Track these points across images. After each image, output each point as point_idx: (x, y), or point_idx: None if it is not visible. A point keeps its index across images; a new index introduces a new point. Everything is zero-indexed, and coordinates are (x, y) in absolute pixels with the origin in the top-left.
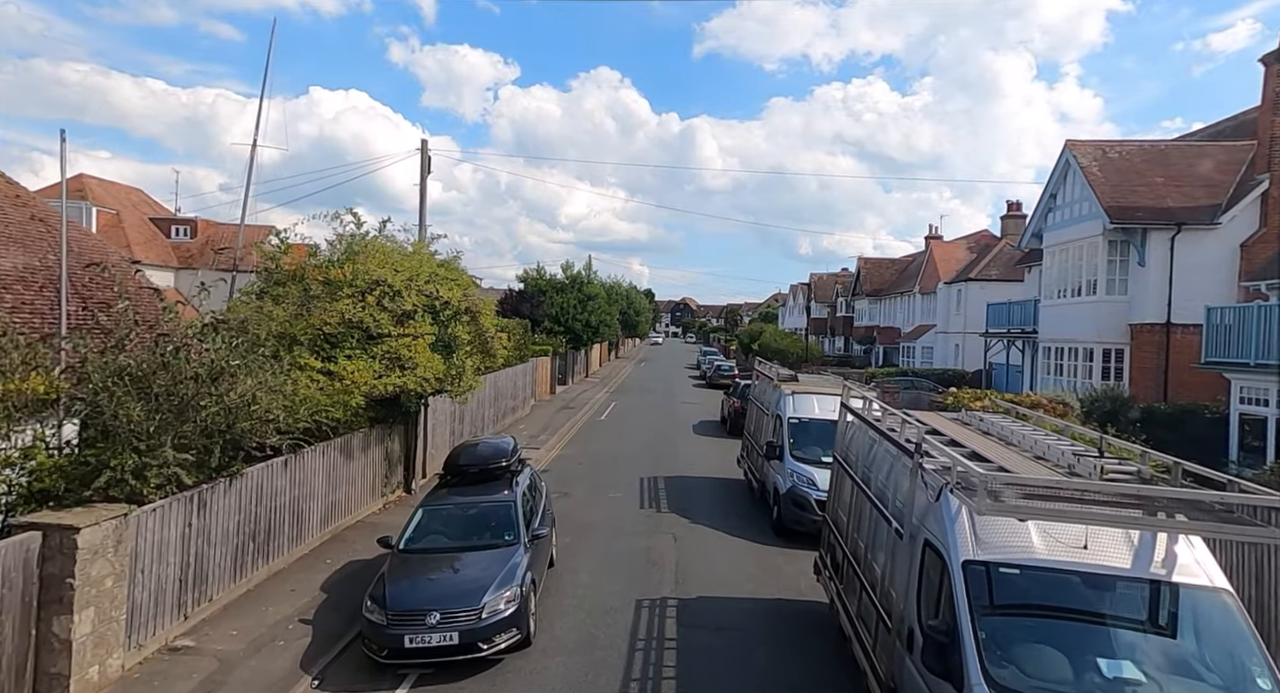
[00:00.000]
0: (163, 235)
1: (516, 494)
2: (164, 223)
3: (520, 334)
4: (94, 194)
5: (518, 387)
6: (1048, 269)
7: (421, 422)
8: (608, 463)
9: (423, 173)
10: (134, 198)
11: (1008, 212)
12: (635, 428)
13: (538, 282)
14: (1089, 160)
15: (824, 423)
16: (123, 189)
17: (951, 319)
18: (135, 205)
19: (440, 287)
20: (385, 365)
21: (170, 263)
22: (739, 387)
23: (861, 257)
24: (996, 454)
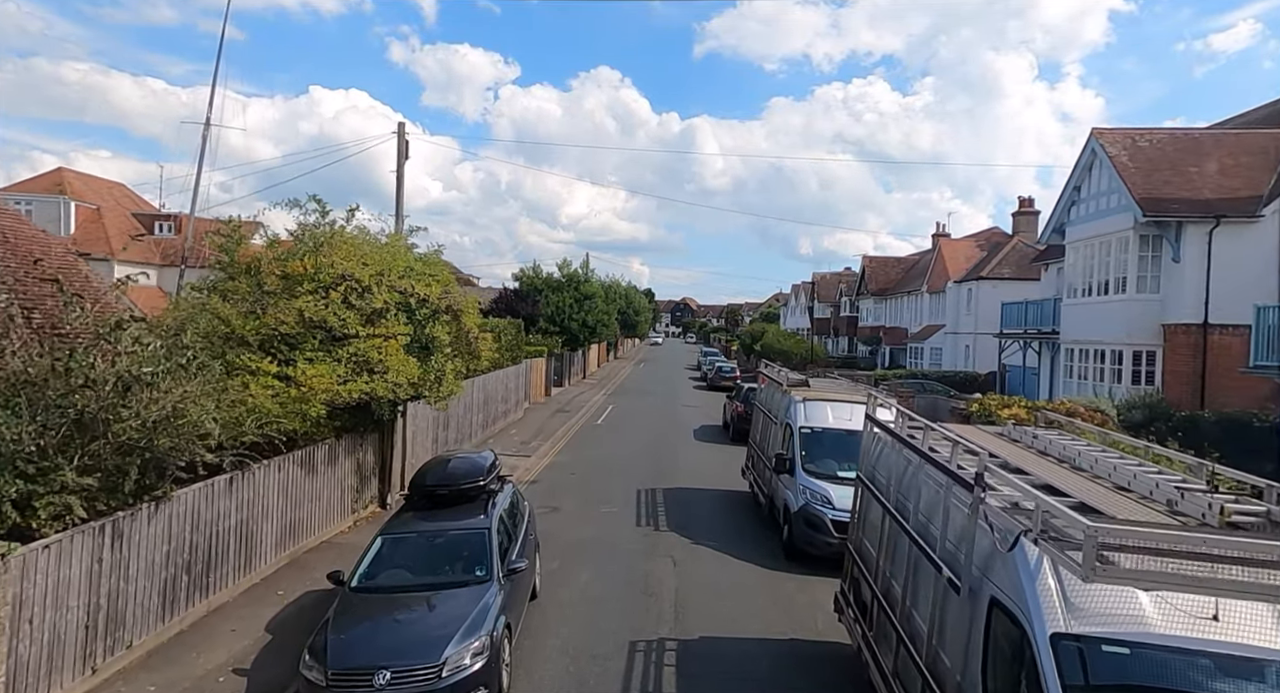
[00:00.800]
0: (147, 232)
1: (492, 520)
2: (148, 219)
3: (512, 334)
4: (73, 189)
5: (509, 390)
6: (1071, 266)
7: (399, 430)
8: (602, 472)
9: (399, 158)
10: (116, 193)
11: (1020, 208)
12: (633, 433)
13: (533, 280)
14: (1118, 150)
15: (839, 433)
16: (105, 184)
17: (962, 319)
18: (118, 201)
19: (417, 282)
20: (351, 369)
21: (153, 260)
22: (742, 390)
23: (866, 255)
24: (1071, 485)
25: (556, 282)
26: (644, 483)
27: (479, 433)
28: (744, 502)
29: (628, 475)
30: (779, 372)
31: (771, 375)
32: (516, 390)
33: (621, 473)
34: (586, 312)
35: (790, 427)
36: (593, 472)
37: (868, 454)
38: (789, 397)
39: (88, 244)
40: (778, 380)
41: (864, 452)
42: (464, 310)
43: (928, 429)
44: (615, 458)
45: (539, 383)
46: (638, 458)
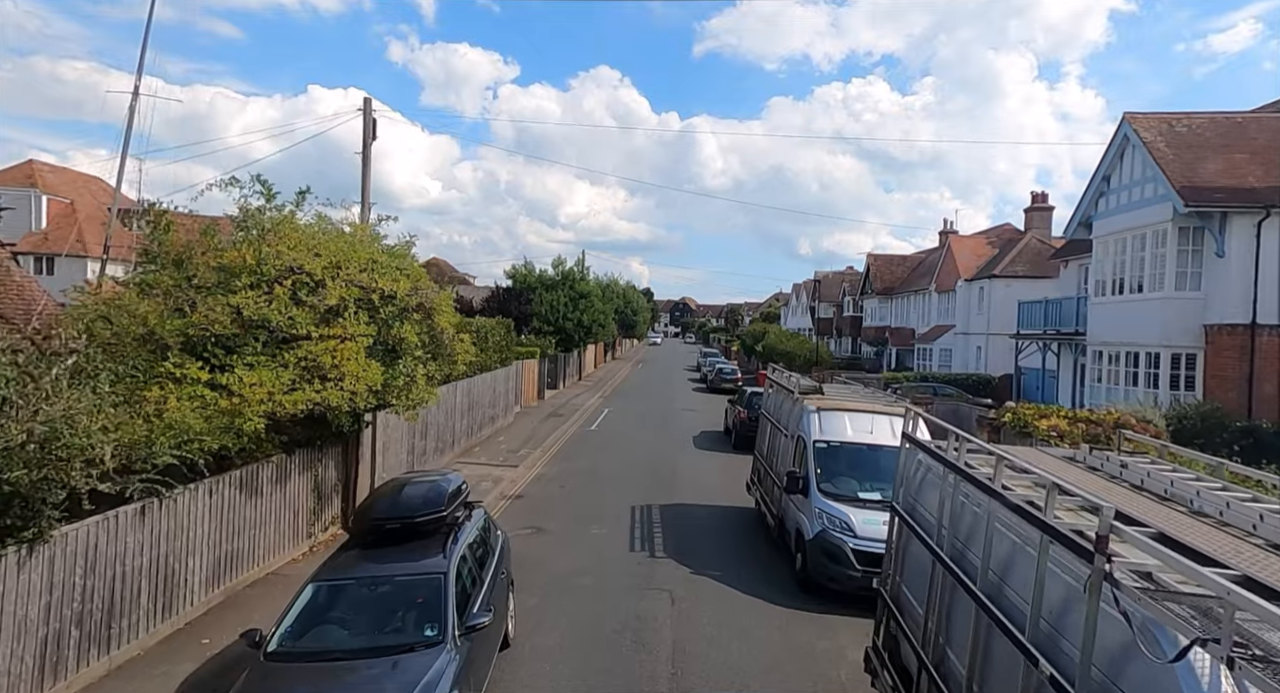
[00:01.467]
0: (123, 227)
1: (451, 562)
2: (125, 215)
3: (501, 335)
4: (45, 182)
5: (497, 394)
6: (1099, 262)
7: (366, 441)
8: (594, 486)
9: (365, 138)
10: (92, 187)
11: (1033, 203)
12: (628, 440)
13: (527, 278)
14: (1153, 135)
15: (859, 448)
16: (79, 177)
17: (973, 319)
18: (94, 194)
19: (381, 277)
20: (300, 376)
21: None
22: (745, 395)
23: (870, 253)
24: (1215, 546)
25: (550, 280)
26: (639, 498)
27: (463, 441)
28: (750, 521)
29: (622, 489)
30: (788, 377)
31: (779, 381)
32: (506, 394)
33: (615, 486)
34: (582, 311)
35: (803, 440)
36: (584, 485)
37: (906, 482)
38: (801, 406)
39: (60, 240)
40: (787, 387)
41: (901, 478)
42: (437, 309)
43: (999, 461)
44: (609, 469)
45: (531, 386)
46: (633, 469)
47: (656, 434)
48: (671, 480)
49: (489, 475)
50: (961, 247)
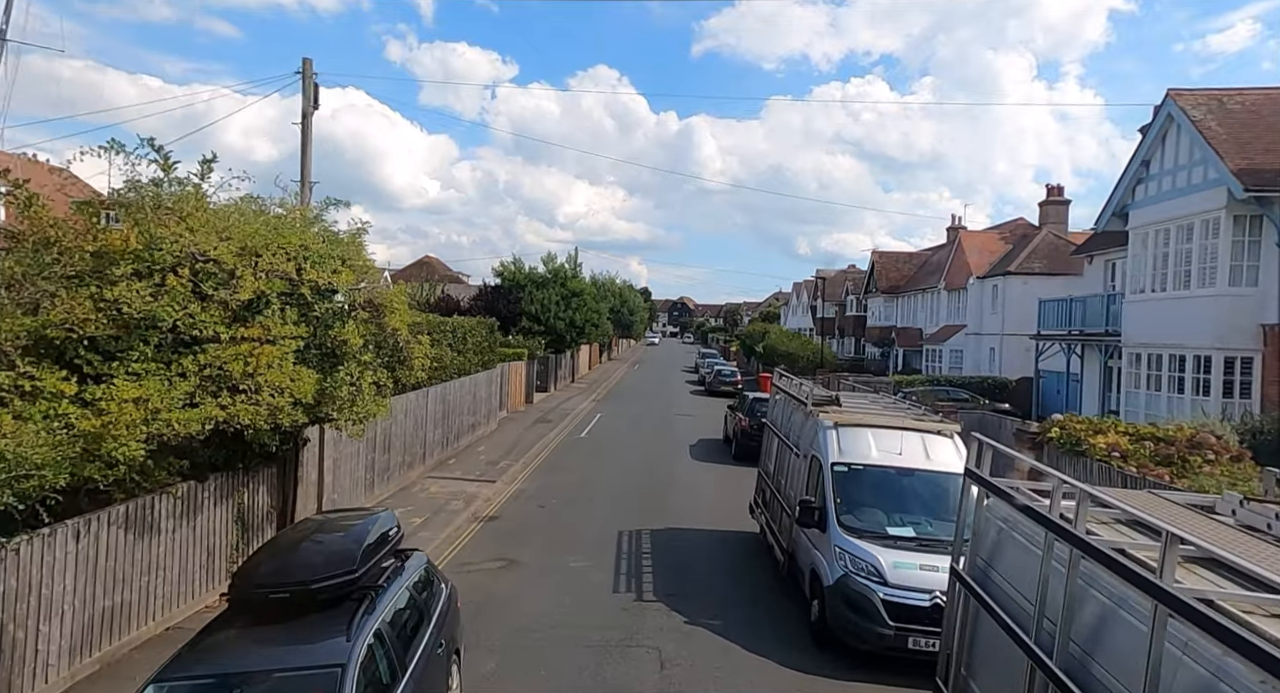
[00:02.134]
0: None
1: (356, 646)
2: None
3: (483, 335)
4: None
5: (478, 399)
6: (1136, 256)
7: (311, 460)
8: (578, 505)
9: (305, 106)
10: (58, 179)
11: (1048, 197)
12: (620, 450)
13: (516, 275)
14: (1202, 114)
15: (886, 473)
16: (44, 170)
17: (985, 319)
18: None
19: (316, 268)
20: (202, 387)
21: None
22: (747, 401)
23: (875, 250)
24: None
25: (541, 277)
26: (628, 521)
27: (436, 453)
28: (753, 549)
29: (609, 509)
30: (798, 386)
31: (787, 389)
32: (488, 399)
33: (602, 505)
34: (574, 310)
35: (819, 462)
36: (567, 504)
37: (975, 538)
38: (815, 421)
39: None
40: (798, 397)
41: (965, 530)
42: (388, 306)
43: (1170, 541)
44: (597, 484)
45: (518, 389)
46: (623, 484)
47: (650, 443)
48: (665, 498)
49: (461, 493)
50: (972, 242)
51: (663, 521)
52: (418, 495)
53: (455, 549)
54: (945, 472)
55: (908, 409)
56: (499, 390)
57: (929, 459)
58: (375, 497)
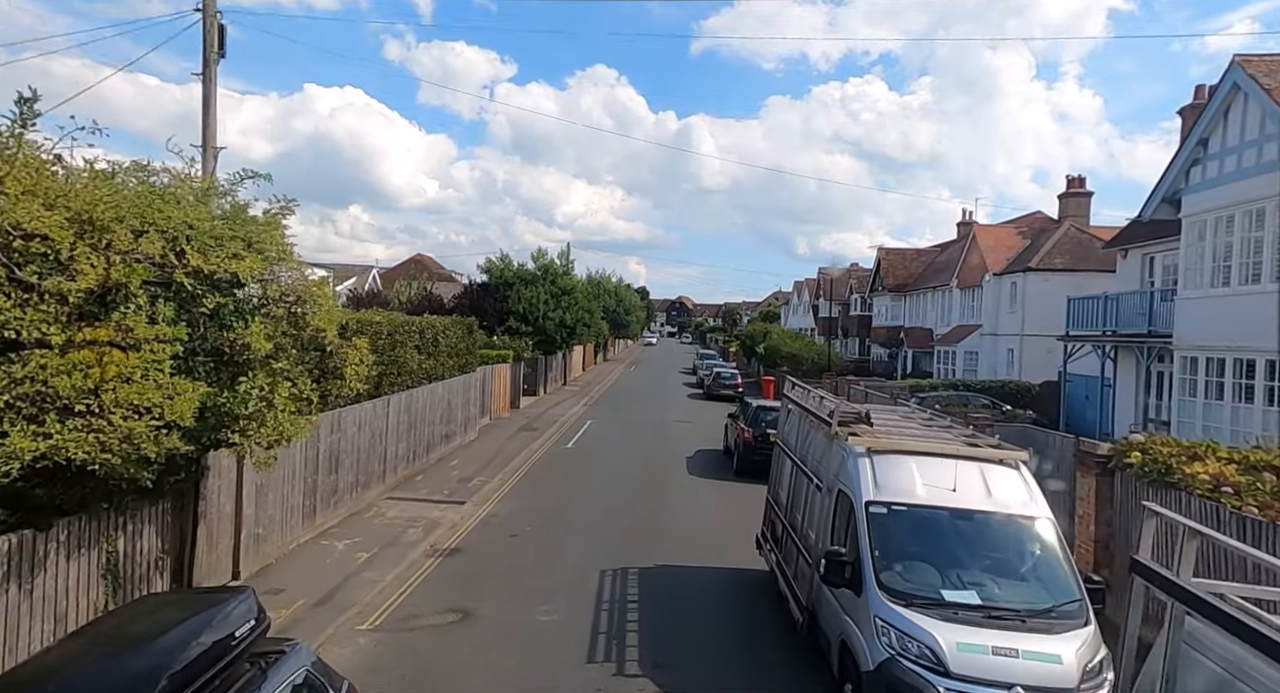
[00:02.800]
0: None
1: None
2: None
3: (460, 336)
4: None
5: (453, 407)
6: (1191, 247)
7: (223, 488)
8: (557, 533)
9: (206, 53)
10: None
11: (1068, 188)
12: (610, 464)
13: (503, 272)
14: (1277, 82)
15: (940, 516)
16: None
17: (1003, 319)
18: None
19: (206, 252)
20: (15, 409)
21: None
22: (750, 409)
23: (881, 247)
24: None
25: (530, 274)
26: (613, 555)
27: (400, 469)
28: (763, 596)
29: (591, 539)
30: (817, 399)
31: (802, 402)
32: (466, 406)
33: (583, 533)
34: (565, 309)
35: (848, 499)
36: (543, 532)
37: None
38: (842, 445)
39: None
40: (816, 413)
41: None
42: (309, 299)
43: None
44: (580, 506)
45: (501, 394)
46: (611, 506)
47: (643, 455)
48: (657, 525)
49: (423, 518)
50: (988, 238)
51: (654, 554)
52: (370, 523)
53: (402, 595)
54: (1014, 515)
55: (950, 427)
56: (479, 396)
57: (991, 497)
58: (316, 526)
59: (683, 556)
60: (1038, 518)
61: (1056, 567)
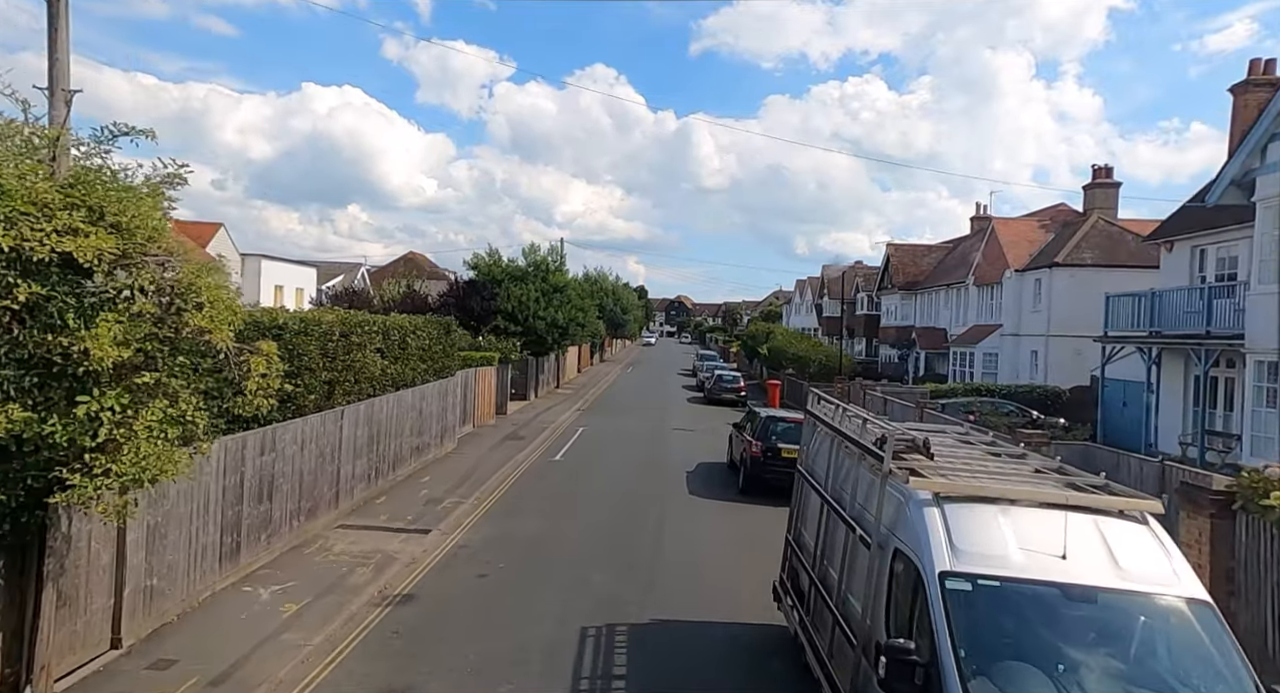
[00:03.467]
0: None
1: None
2: None
3: (434, 337)
4: None
5: (426, 416)
6: (1265, 234)
7: (102, 534)
8: (534, 572)
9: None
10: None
11: (1094, 179)
12: (601, 480)
13: (491, 269)
14: None
15: (1048, 596)
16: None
17: (1026, 318)
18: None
19: (16, 221)
20: None
21: None
22: (758, 420)
23: (890, 243)
24: None
25: (520, 271)
26: (598, 605)
27: (357, 491)
28: (784, 662)
29: (573, 581)
30: (856, 420)
31: (833, 422)
32: (444, 414)
33: (566, 572)
34: (557, 308)
35: (914, 566)
36: (517, 571)
37: None
38: (898, 488)
39: None
40: (858, 440)
41: None
42: (191, 291)
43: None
44: (563, 535)
45: (486, 399)
46: (599, 534)
47: (639, 469)
48: (653, 559)
49: (376, 553)
50: (1008, 231)
51: (649, 602)
52: (310, 560)
53: (329, 666)
54: (1156, 594)
55: (1025, 456)
56: (459, 403)
57: (1118, 568)
58: (241, 569)
59: (684, 606)
60: (1192, 600)
61: (1223, 675)
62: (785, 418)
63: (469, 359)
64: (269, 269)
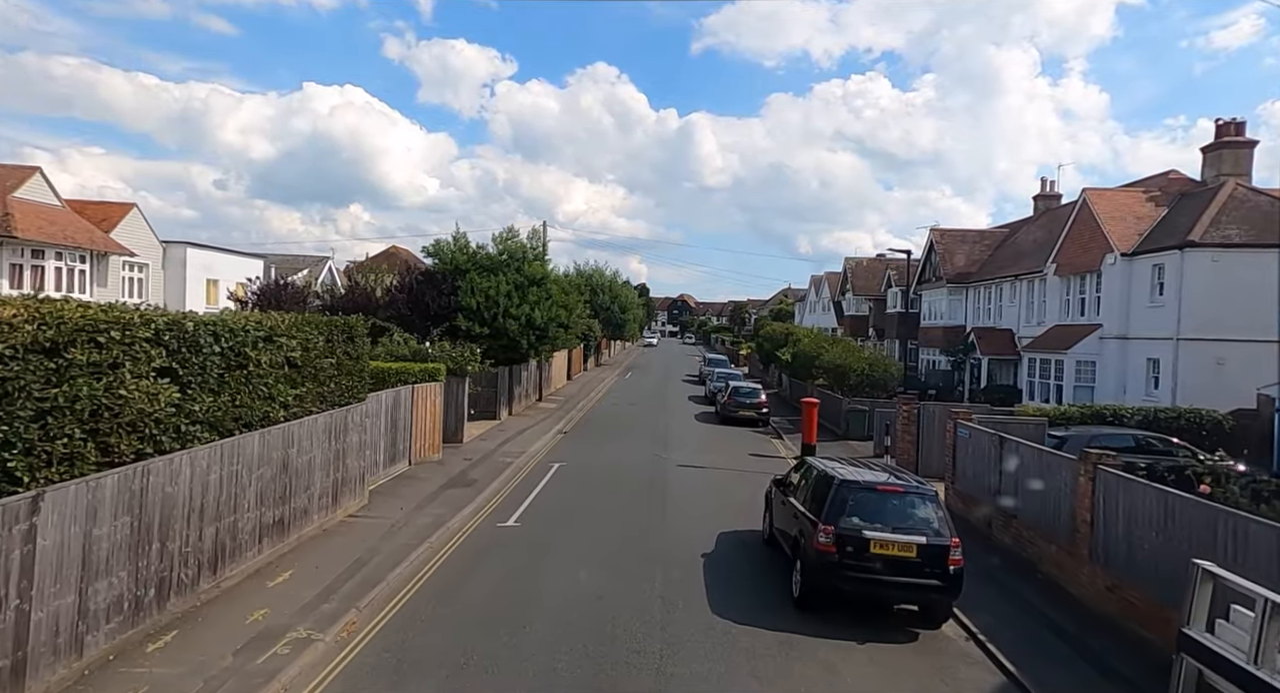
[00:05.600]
0: None
1: None
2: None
3: (317, 347)
4: None
5: (301, 471)
6: None
7: None
8: None
9: None
10: None
11: (1217, 138)
12: (567, 572)
13: (454, 257)
14: None
15: None
16: None
17: (1140, 315)
18: None
19: None
20: None
21: None
22: (823, 484)
23: (935, 228)
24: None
25: (489, 260)
26: None
27: (117, 626)
28: None
29: None
30: None
31: None
32: (338, 463)
33: None
34: (533, 304)
35: None
36: None
37: None
38: None
39: None
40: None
41: None
42: None
43: None
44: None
45: (428, 427)
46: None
47: (627, 547)
48: None
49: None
50: (1106, 204)
51: None
52: None
53: None
54: None
55: None
56: (383, 436)
57: None
58: None
59: None
60: None
61: None
62: (876, 484)
63: (403, 374)
64: (199, 259)
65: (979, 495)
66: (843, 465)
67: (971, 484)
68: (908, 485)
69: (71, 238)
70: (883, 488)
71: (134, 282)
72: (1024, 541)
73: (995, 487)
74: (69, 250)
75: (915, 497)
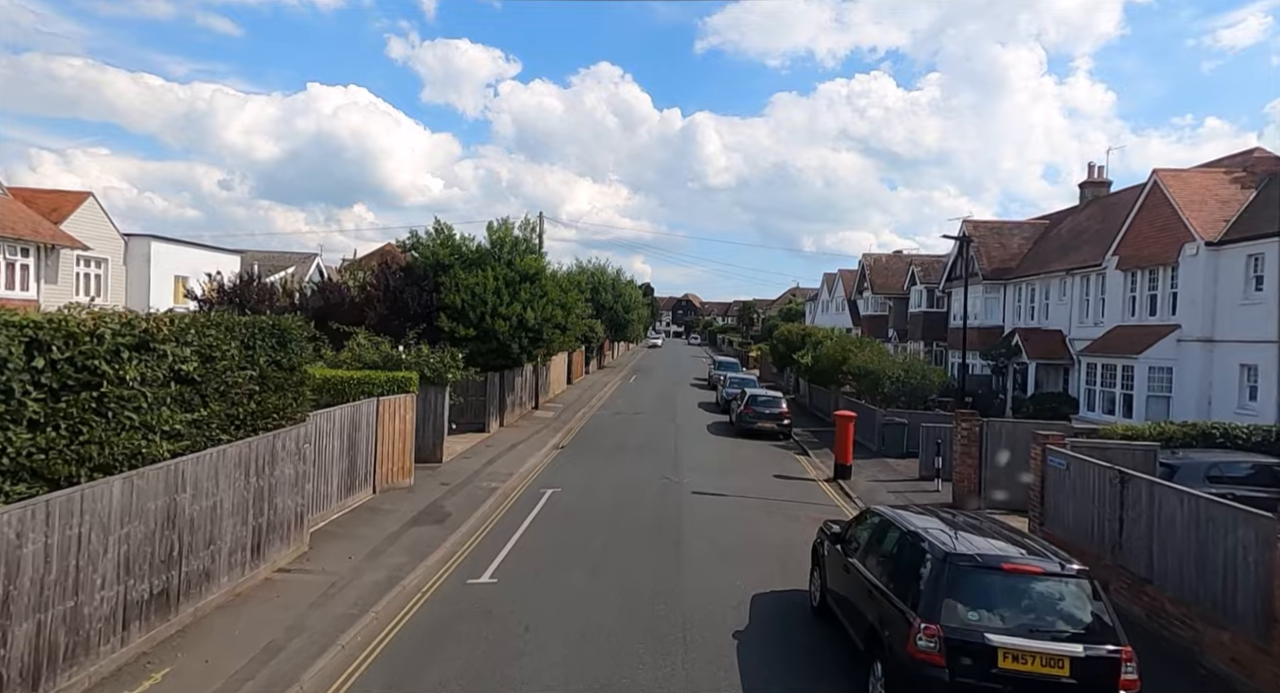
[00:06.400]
0: None
1: None
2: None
3: (231, 356)
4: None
5: (199, 522)
6: None
7: None
8: None
9: None
10: None
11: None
12: (560, 659)
13: (437, 251)
14: None
15: None
16: None
17: (1230, 314)
18: None
19: None
20: None
21: None
22: (908, 555)
23: (968, 220)
24: None
25: (476, 254)
26: None
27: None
28: None
29: None
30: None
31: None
32: (260, 506)
33: None
34: (525, 303)
35: None
36: None
37: None
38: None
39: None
40: None
41: None
42: None
43: None
44: None
45: (397, 447)
46: None
47: (630, 616)
48: None
49: None
50: (1184, 187)
51: None
52: None
53: None
54: None
55: None
56: (340, 464)
57: None
58: None
59: None
60: None
61: None
62: (1000, 562)
63: (367, 385)
64: (165, 254)
65: (1084, 544)
66: (929, 519)
67: (1071, 530)
68: (1048, 563)
69: (11, 228)
70: (1011, 567)
71: (90, 278)
72: (1169, 618)
73: (1113, 537)
74: (7, 242)
75: (1061, 580)
